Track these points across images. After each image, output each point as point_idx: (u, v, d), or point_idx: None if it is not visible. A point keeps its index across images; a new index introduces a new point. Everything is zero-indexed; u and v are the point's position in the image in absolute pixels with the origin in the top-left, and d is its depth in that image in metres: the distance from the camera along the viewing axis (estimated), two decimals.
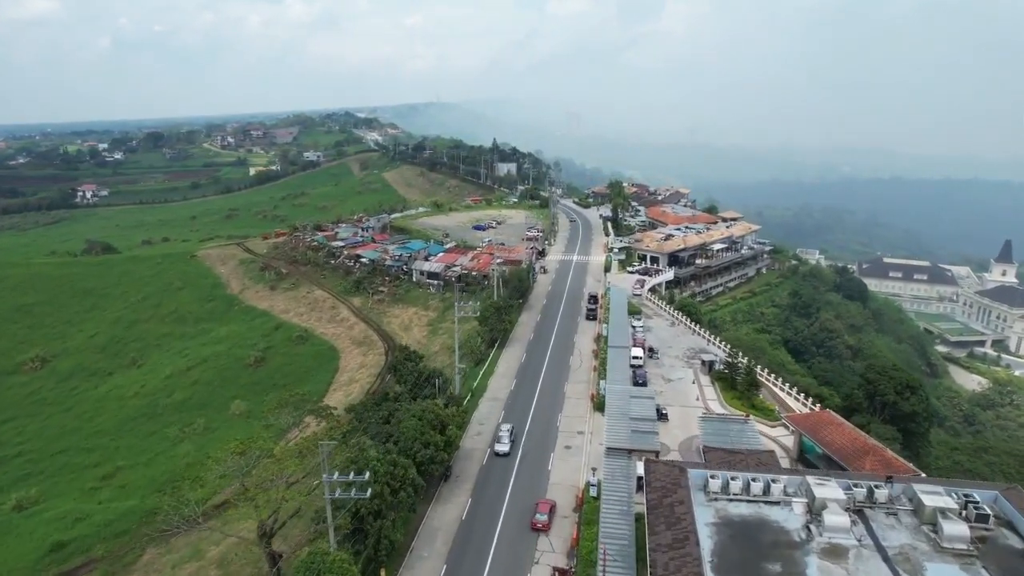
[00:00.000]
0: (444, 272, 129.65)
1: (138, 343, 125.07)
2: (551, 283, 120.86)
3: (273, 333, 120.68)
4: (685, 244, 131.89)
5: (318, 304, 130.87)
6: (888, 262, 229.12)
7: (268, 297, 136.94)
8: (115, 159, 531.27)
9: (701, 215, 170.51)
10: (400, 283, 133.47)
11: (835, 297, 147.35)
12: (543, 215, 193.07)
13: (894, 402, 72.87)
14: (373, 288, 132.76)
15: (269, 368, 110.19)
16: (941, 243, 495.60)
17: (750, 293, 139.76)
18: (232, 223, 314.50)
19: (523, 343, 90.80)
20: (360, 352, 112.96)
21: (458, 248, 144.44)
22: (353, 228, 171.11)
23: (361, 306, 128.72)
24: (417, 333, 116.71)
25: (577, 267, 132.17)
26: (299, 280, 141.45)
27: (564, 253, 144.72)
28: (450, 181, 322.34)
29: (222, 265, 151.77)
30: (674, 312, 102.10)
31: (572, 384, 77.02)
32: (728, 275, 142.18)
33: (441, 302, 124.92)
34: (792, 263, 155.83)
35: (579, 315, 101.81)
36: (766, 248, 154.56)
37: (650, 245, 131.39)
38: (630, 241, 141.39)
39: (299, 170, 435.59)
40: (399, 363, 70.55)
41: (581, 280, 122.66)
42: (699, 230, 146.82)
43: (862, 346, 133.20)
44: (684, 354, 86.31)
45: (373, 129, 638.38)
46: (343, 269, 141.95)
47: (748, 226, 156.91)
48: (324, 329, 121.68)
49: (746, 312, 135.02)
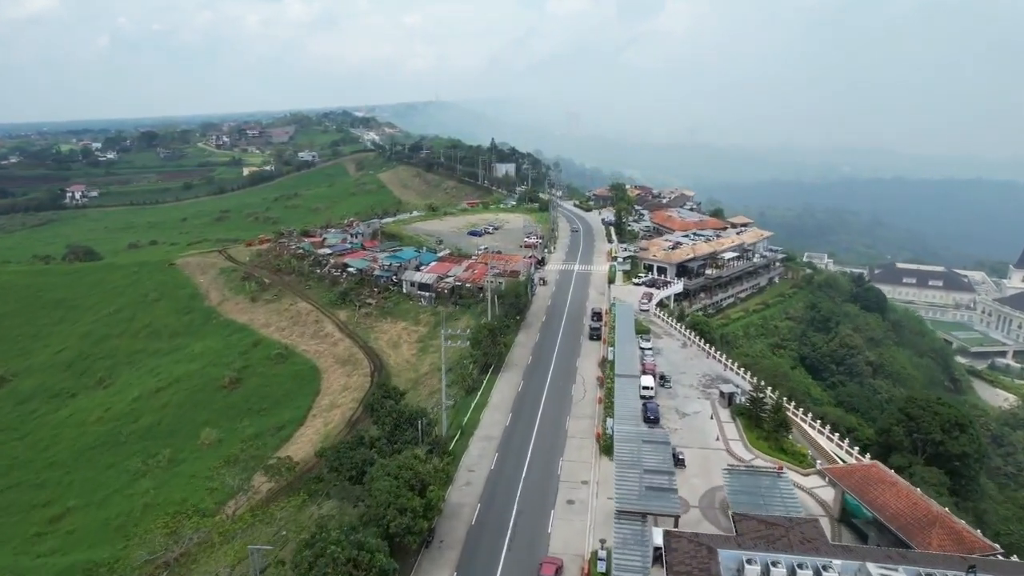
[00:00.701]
0: (436, 284, 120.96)
1: (107, 360, 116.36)
2: (551, 296, 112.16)
3: (251, 350, 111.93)
4: (694, 253, 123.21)
5: (301, 317, 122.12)
6: (901, 268, 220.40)
7: (248, 309, 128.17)
8: (108, 159, 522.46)
9: (709, 220, 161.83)
10: (389, 295, 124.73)
11: (852, 308, 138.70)
12: (542, 219, 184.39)
13: (940, 441, 64.29)
14: (360, 300, 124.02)
15: (245, 390, 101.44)
16: (945, 244, 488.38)
17: (763, 305, 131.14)
18: (223, 225, 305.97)
19: (520, 368, 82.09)
20: (344, 372, 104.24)
21: (452, 256, 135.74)
22: (342, 234, 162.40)
23: (347, 320, 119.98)
24: (406, 351, 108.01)
25: (579, 278, 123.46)
26: (282, 291, 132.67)
27: (565, 262, 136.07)
28: (447, 182, 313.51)
29: (202, 274, 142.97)
30: (686, 331, 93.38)
31: (575, 420, 68.29)
32: (740, 285, 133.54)
33: (433, 316, 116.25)
34: (806, 272, 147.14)
35: (581, 334, 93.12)
36: (779, 256, 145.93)
37: (657, 254, 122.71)
38: (635, 249, 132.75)
39: (293, 170, 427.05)
40: (376, 402, 61.80)
41: (583, 293, 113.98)
42: (708, 237, 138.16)
43: (883, 361, 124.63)
44: (699, 382, 77.57)
45: (370, 128, 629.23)
46: (329, 279, 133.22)
47: (760, 232, 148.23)
48: (306, 346, 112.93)
49: (759, 326, 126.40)
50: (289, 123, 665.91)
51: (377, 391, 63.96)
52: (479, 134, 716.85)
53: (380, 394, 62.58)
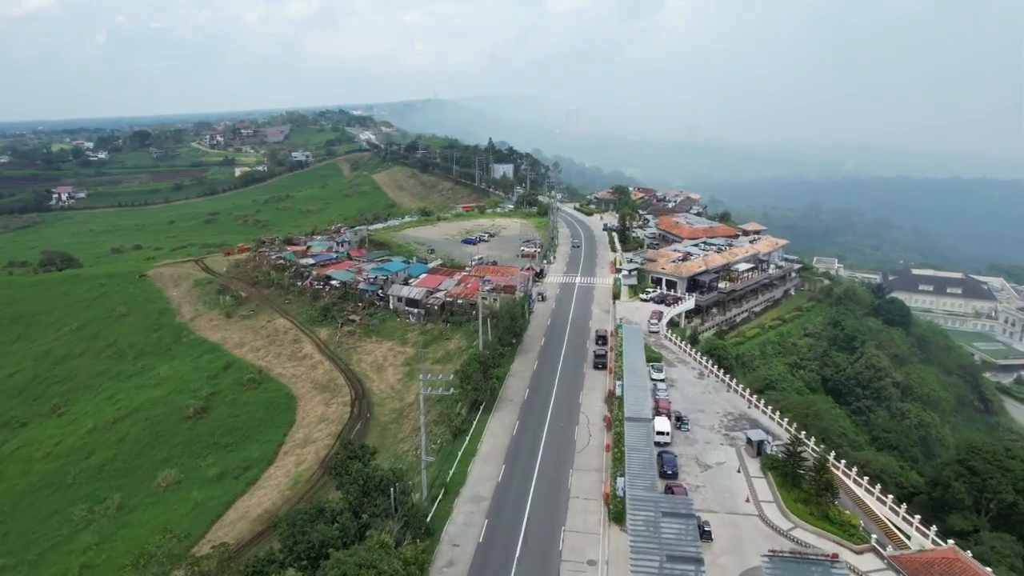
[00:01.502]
0: (425, 299, 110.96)
1: (64, 385, 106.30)
2: (550, 315, 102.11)
3: (222, 374, 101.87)
4: (707, 266, 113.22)
5: (278, 336, 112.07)
6: (917, 274, 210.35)
7: (222, 326, 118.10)
8: (99, 159, 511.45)
9: (719, 227, 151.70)
10: (375, 311, 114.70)
11: (874, 323, 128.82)
12: (541, 225, 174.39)
13: (1013, 503, 54.34)
14: (343, 317, 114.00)
15: (211, 421, 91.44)
16: (953, 245, 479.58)
17: (780, 320, 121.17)
18: (211, 228, 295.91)
19: (515, 405, 72.07)
20: (322, 400, 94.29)
21: (443, 268, 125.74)
22: (328, 242, 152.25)
23: (328, 339, 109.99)
24: (391, 375, 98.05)
25: (581, 292, 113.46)
26: (259, 306, 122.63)
27: (565, 273, 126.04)
28: (443, 184, 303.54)
29: (174, 287, 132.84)
30: (702, 358, 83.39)
31: (579, 474, 58.36)
32: (754, 299, 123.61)
33: (421, 335, 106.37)
34: (824, 283, 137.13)
35: (585, 362, 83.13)
36: (794, 266, 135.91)
37: (666, 267, 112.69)
38: (641, 261, 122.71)
39: (286, 171, 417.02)
40: (341, 464, 51.70)
41: (586, 310, 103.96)
42: (720, 247, 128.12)
43: (910, 382, 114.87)
44: (721, 422, 67.58)
45: (367, 128, 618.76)
46: (311, 293, 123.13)
47: (775, 241, 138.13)
48: (282, 369, 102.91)
49: (776, 344, 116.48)
50: (285, 122, 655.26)
51: (342, 451, 53.74)
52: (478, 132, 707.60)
53: (345, 454, 52.46)
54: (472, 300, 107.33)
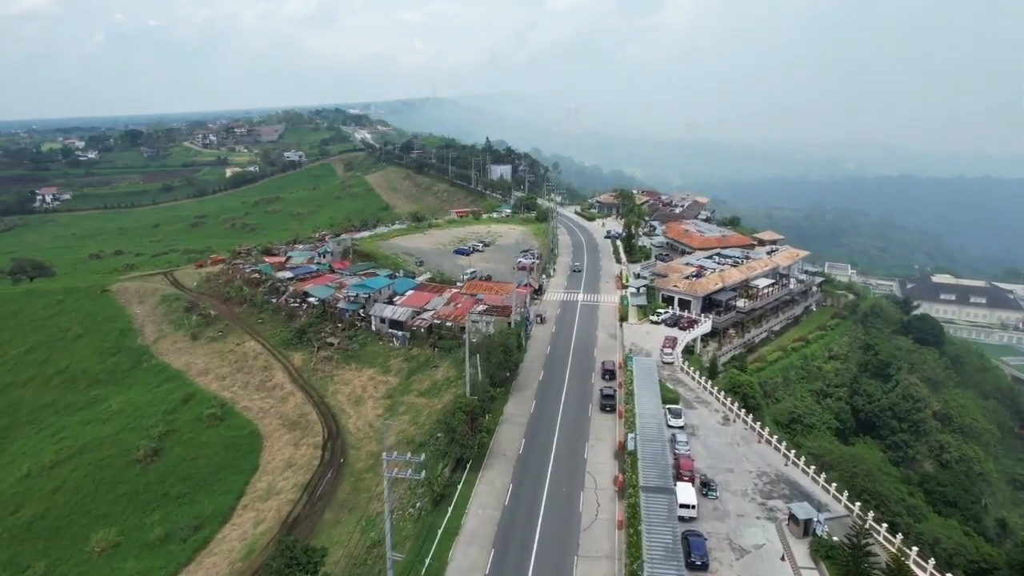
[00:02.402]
0: (411, 321, 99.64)
1: (3, 419, 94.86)
2: (550, 340, 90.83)
3: (180, 408, 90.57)
4: (724, 283, 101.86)
5: (247, 362, 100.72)
6: (938, 282, 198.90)
7: (187, 350, 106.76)
8: (88, 158, 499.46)
9: (732, 236, 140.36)
10: (355, 333, 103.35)
11: (905, 342, 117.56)
12: (540, 232, 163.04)
13: None
14: (320, 339, 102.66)
15: (164, 465, 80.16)
16: (960, 246, 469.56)
17: (802, 341, 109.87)
18: (196, 233, 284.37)
19: (508, 461, 60.79)
20: (291, 440, 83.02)
21: (432, 284, 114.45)
22: (310, 252, 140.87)
23: (302, 365, 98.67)
24: (370, 410, 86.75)
25: (584, 312, 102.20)
26: (229, 326, 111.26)
27: (566, 289, 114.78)
28: (438, 185, 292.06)
29: (139, 304, 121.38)
30: (725, 398, 72.08)
31: (586, 563, 47.08)
32: (774, 318, 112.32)
33: (406, 362, 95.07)
34: (848, 298, 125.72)
35: (590, 402, 71.85)
36: (816, 280, 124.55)
37: (679, 284, 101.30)
38: (650, 276, 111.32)
39: (278, 171, 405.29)
40: (280, 572, 40.33)
41: (590, 335, 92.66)
42: (736, 259, 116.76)
43: (949, 411, 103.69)
44: (755, 487, 56.31)
45: (363, 126, 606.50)
46: (286, 311, 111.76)
47: (795, 252, 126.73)
48: (249, 401, 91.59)
49: (800, 368, 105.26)
50: (280, 121, 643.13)
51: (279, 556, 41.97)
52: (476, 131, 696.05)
53: (283, 561, 40.96)
54: (462, 324, 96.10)
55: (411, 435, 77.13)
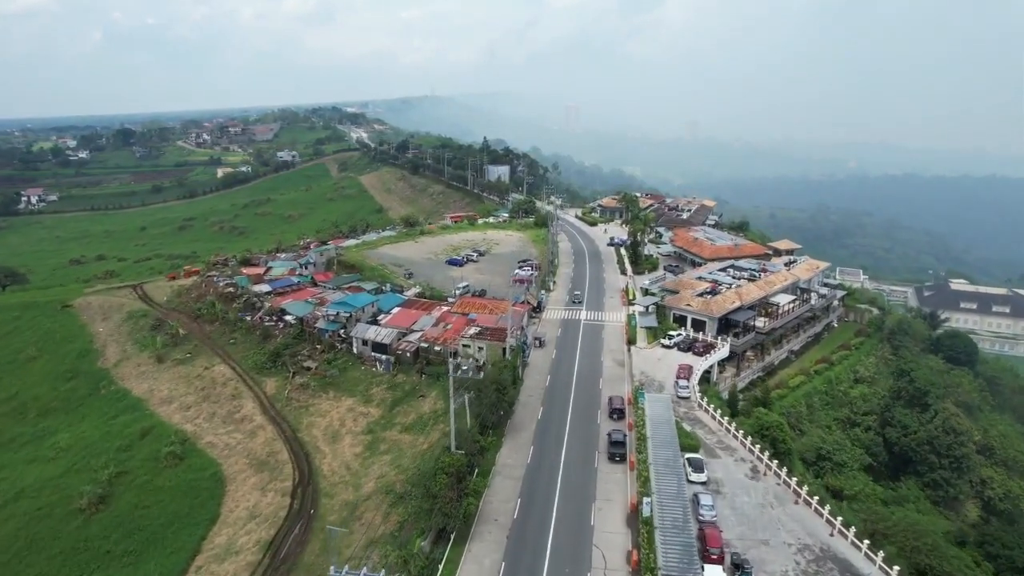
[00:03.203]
0: (395, 343, 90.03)
1: None
2: (550, 369, 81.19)
3: (137, 444, 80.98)
4: (741, 300, 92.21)
5: (215, 389, 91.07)
6: (957, 289, 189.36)
7: (151, 374, 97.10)
8: (79, 158, 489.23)
9: (746, 245, 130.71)
10: (335, 356, 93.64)
11: (935, 361, 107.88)
12: (539, 238, 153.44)
13: None
14: (296, 363, 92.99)
15: (111, 515, 70.58)
16: (967, 247, 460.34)
17: (825, 363, 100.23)
18: (184, 236, 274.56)
19: (501, 529, 51.19)
20: (256, 484, 73.38)
21: (421, 301, 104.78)
22: (291, 262, 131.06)
23: (275, 393, 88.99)
24: (347, 448, 77.08)
25: (587, 334, 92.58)
26: (199, 347, 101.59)
27: (568, 305, 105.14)
28: (434, 187, 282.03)
29: (102, 321, 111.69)
30: (751, 443, 62.42)
31: None
32: (794, 336, 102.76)
33: (389, 391, 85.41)
34: (873, 312, 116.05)
35: (597, 449, 62.24)
36: (838, 294, 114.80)
37: (692, 303, 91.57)
38: (660, 292, 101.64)
39: (271, 171, 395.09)
40: None
41: (595, 361, 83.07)
42: (752, 271, 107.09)
43: (990, 441, 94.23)
44: (798, 569, 46.63)
45: (359, 125, 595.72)
46: (260, 330, 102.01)
47: (815, 264, 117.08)
48: (214, 436, 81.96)
49: (824, 394, 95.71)
50: (276, 119, 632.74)
51: None
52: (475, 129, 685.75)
53: None
54: (452, 347, 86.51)
55: (391, 481, 67.51)
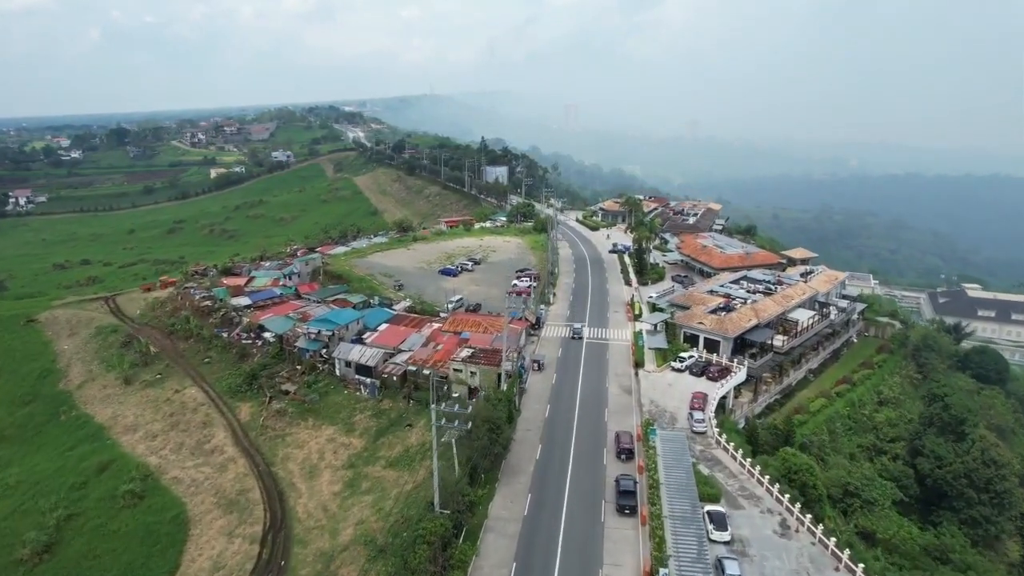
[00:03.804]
0: (381, 366, 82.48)
1: None
2: (549, 398, 73.53)
3: (93, 480, 73.46)
4: (758, 318, 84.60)
5: (185, 415, 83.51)
6: (974, 296, 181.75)
7: (117, 397, 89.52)
8: (71, 158, 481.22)
9: (759, 253, 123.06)
10: (316, 378, 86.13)
11: (964, 380, 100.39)
12: (538, 244, 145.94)
13: None
14: (273, 387, 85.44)
15: (56, 566, 63.09)
16: (973, 247, 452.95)
17: (847, 384, 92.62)
18: (172, 240, 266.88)
19: None
20: (224, 528, 65.82)
21: (411, 316, 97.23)
22: (275, 272, 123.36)
23: (250, 420, 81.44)
24: (326, 485, 69.52)
25: (590, 354, 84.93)
26: (170, 367, 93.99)
27: (568, 320, 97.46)
28: (430, 188, 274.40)
29: (69, 337, 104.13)
30: (778, 491, 54.76)
31: None
32: (813, 354, 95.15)
33: (374, 418, 77.89)
34: (895, 327, 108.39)
35: (603, 497, 54.66)
36: (858, 307, 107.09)
37: (705, 322, 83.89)
38: (668, 307, 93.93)
39: (265, 172, 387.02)
40: None
41: (599, 388, 75.40)
42: (768, 285, 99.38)
43: None
44: None
45: (356, 125, 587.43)
46: (237, 349, 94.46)
47: (833, 275, 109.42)
48: (179, 471, 74.37)
49: (847, 418, 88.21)
50: (272, 118, 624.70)
51: None
52: (474, 129, 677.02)
53: None
54: (442, 372, 78.90)
55: (371, 530, 60.07)
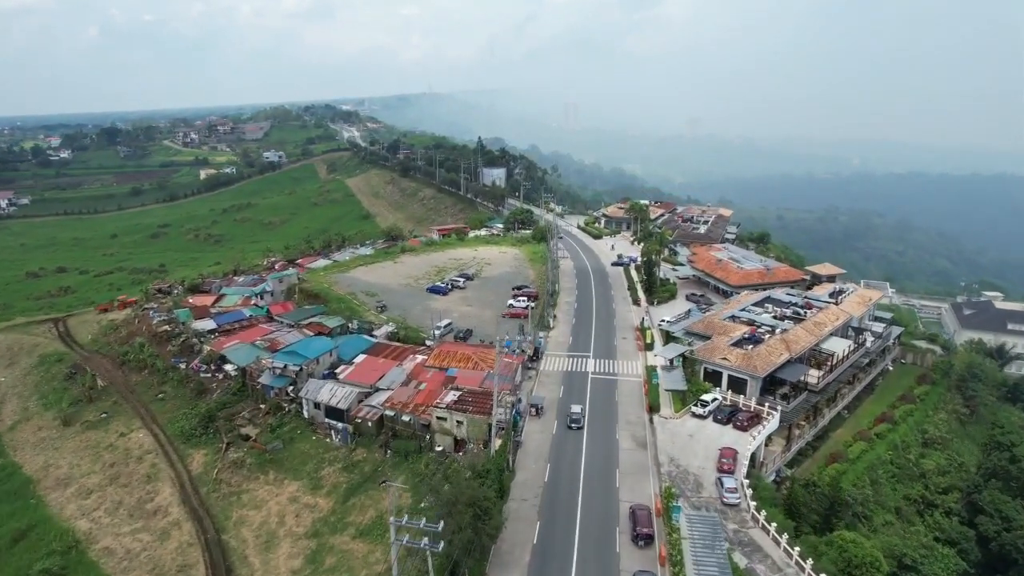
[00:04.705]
0: (355, 408, 71.12)
1: None
2: (549, 455, 62.00)
3: (4, 555, 61.99)
4: (790, 352, 73.19)
5: (128, 465, 72.22)
6: (1002, 308, 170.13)
7: (53, 442, 78.16)
8: (60, 158, 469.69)
9: (780, 269, 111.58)
10: (281, 421, 74.86)
11: (1017, 415, 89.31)
12: (537, 255, 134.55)
13: None
14: (232, 429, 74.12)
15: None
16: (979, 248, 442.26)
17: (887, 423, 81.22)
18: (155, 245, 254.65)
19: None
20: None
21: (393, 344, 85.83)
22: (247, 290, 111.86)
23: (202, 472, 70.15)
24: (283, 560, 58.24)
25: (597, 395, 73.44)
26: (119, 404, 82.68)
27: (570, 349, 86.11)
28: (424, 191, 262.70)
29: (7, 367, 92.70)
30: None
31: None
32: (847, 388, 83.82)
33: (345, 473, 66.65)
34: (936, 353, 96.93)
35: None
36: (894, 331, 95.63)
37: (729, 358, 72.38)
38: (684, 336, 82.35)
39: (256, 173, 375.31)
40: None
41: (609, 442, 63.92)
42: (797, 308, 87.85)
43: None
44: None
45: (352, 123, 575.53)
46: (194, 383, 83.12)
47: (866, 295, 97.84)
48: (113, 539, 63.07)
49: (890, 463, 76.93)
50: (267, 117, 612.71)
51: None
52: (473, 127, 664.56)
53: None
54: (425, 419, 67.50)
55: None
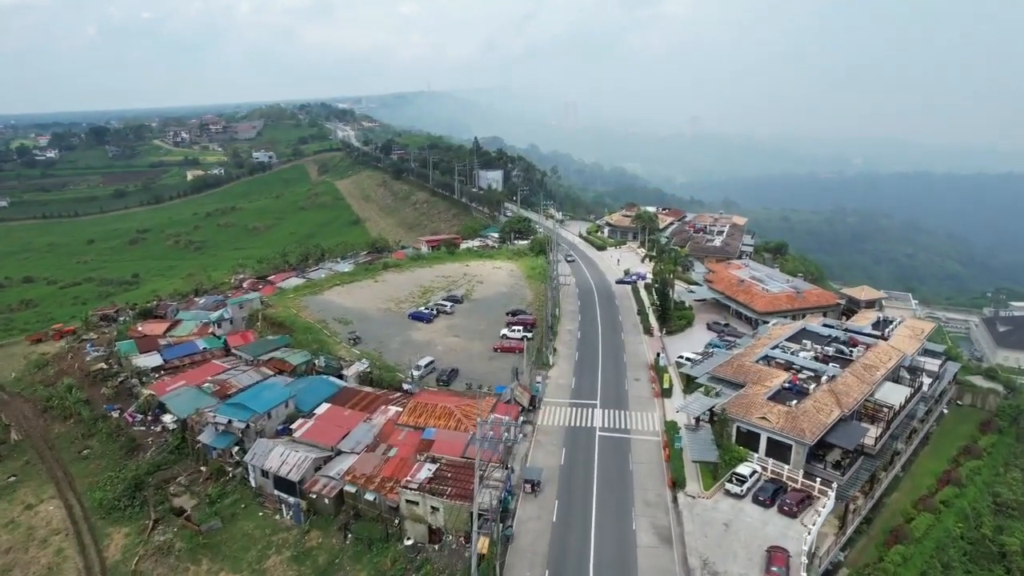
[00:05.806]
0: (309, 480, 57.70)
1: None
2: (547, 556, 48.56)
3: None
4: (841, 408, 59.69)
5: (28, 551, 58.76)
6: None
7: None
8: (47, 158, 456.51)
9: (811, 292, 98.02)
10: (224, 489, 61.46)
11: None
12: (535, 271, 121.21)
13: None
14: (164, 500, 60.73)
15: None
16: (989, 249, 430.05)
17: (954, 488, 67.85)
18: (131, 253, 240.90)
19: None
20: None
21: (362, 390, 72.32)
22: (205, 315, 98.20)
23: (120, 561, 56.71)
24: None
25: (606, 461, 60.00)
26: (31, 464, 69.24)
27: (573, 396, 72.73)
28: (417, 194, 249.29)
29: None
30: None
31: None
32: (906, 446, 70.43)
33: (295, 564, 53.27)
34: (1000, 392, 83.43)
35: None
36: (950, 370, 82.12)
37: (768, 417, 58.84)
38: (708, 381, 68.75)
39: (246, 174, 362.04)
40: None
41: (623, 531, 50.54)
42: (840, 345, 74.25)
43: None
44: None
45: (347, 122, 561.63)
46: (127, 438, 69.67)
47: (918, 326, 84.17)
48: None
49: (961, 539, 63.55)
50: (260, 116, 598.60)
51: None
52: (471, 126, 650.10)
53: None
54: (394, 501, 54.03)
55: None
